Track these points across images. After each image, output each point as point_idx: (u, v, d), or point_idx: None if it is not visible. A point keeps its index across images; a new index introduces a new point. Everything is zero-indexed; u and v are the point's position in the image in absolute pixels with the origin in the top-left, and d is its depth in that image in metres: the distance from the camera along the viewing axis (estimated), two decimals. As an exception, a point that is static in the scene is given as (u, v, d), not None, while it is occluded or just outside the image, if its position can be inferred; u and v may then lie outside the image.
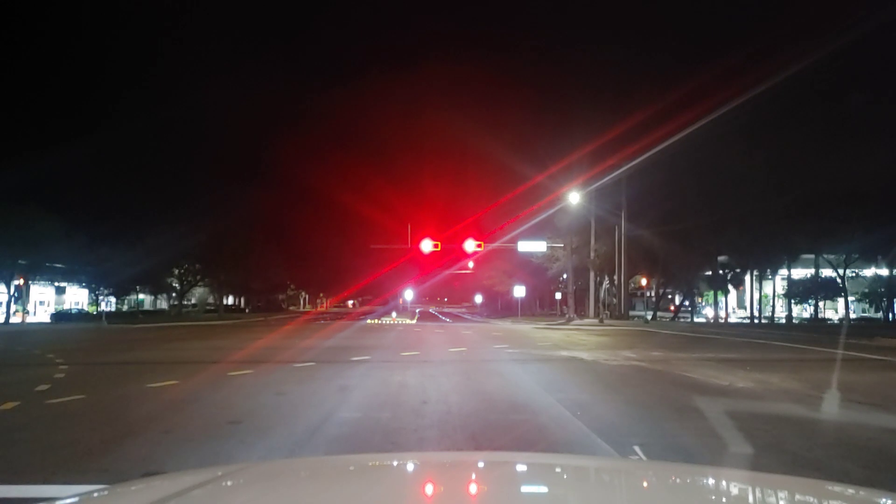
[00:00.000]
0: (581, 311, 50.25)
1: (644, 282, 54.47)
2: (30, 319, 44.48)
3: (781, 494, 1.94)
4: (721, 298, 48.69)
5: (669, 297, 57.18)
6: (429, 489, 2.02)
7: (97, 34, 78.22)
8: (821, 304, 45.78)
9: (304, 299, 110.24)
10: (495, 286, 68.61)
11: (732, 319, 48.36)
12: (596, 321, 41.34)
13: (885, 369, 13.49)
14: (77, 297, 57.54)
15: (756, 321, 45.51)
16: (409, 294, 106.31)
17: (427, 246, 41.36)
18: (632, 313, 50.07)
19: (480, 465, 2.47)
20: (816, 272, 44.07)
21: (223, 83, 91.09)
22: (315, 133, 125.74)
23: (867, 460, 5.51)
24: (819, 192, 33.72)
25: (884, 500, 1.97)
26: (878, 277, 44.14)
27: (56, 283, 54.42)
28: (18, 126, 54.14)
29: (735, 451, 5.72)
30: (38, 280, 49.98)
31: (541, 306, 72.14)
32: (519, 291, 51.47)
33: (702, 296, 54.65)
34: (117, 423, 7.23)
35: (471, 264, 61.12)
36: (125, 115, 75.04)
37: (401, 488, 2.06)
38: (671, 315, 50.27)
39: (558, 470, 2.39)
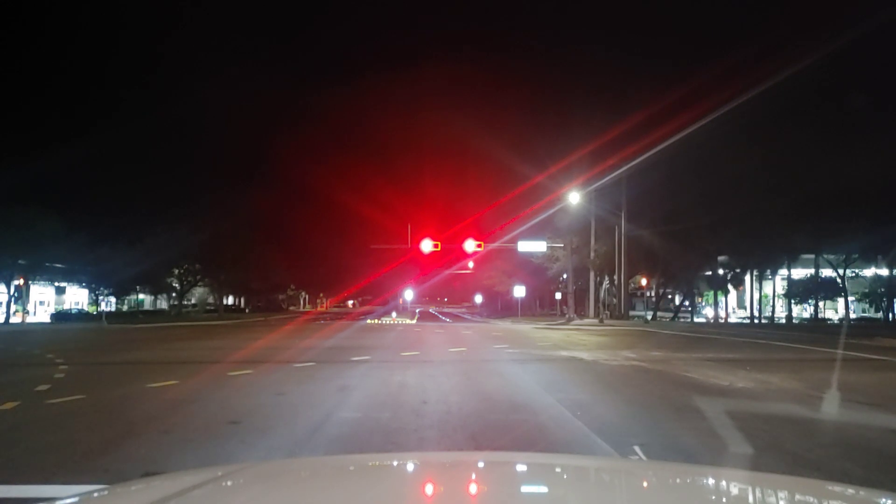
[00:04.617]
0: (581, 311, 50.23)
1: (644, 282, 54.44)
2: (30, 319, 44.47)
3: (781, 494, 1.94)
4: (721, 298, 48.68)
5: (669, 297, 57.14)
6: (429, 489, 2.02)
7: (97, 34, 78.36)
8: (821, 304, 45.74)
9: (304, 299, 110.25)
10: (495, 286, 68.60)
11: (732, 319, 48.36)
12: (596, 321, 41.34)
13: (885, 369, 13.49)
14: (77, 297, 57.53)
15: (756, 321, 45.50)
16: (409, 294, 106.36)
17: (427, 246, 41.37)
18: (632, 313, 50.05)
19: (480, 465, 2.47)
20: (816, 272, 44.05)
21: (223, 83, 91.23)
22: (315, 133, 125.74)
23: (867, 460, 5.51)
24: (819, 192, 33.71)
25: (884, 500, 1.97)
26: (878, 277, 44.10)
27: (56, 283, 54.40)
28: (19, 126, 54.27)
29: (735, 451, 5.72)
30: (38, 280, 49.96)
31: (541, 306, 72.11)
32: (519, 291, 51.45)
33: (702, 296, 54.63)
34: (117, 423, 7.23)
35: (471, 264, 61.16)
36: (125, 115, 75.28)
37: (401, 488, 2.06)
38: (671, 315, 50.26)
39: (558, 470, 2.39)
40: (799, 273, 46.72)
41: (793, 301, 46.00)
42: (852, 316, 44.25)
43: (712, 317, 48.61)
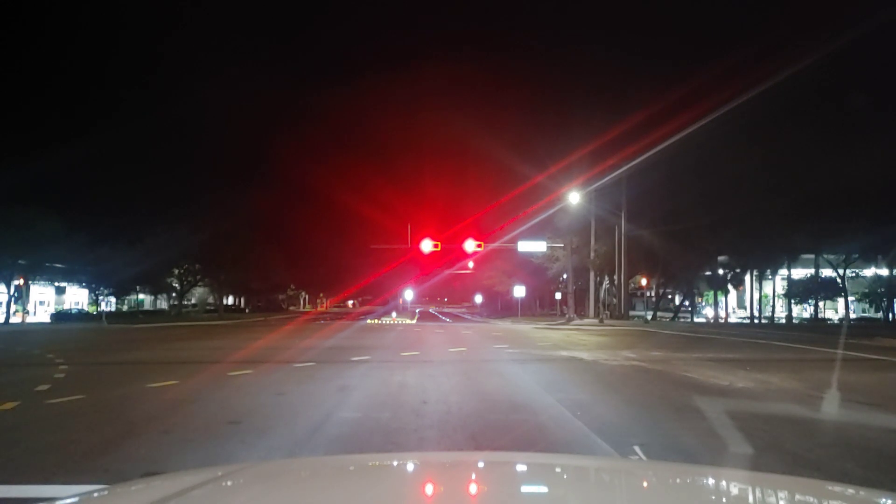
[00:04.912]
0: (581, 311, 50.23)
1: (644, 282, 54.44)
2: (30, 319, 44.47)
3: (781, 494, 1.94)
4: (721, 298, 48.68)
5: (669, 297, 57.12)
6: (429, 489, 2.02)
7: (97, 34, 78.37)
8: (821, 304, 45.76)
9: (304, 299, 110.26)
10: (495, 286, 68.59)
11: (732, 319, 48.35)
12: (596, 321, 41.34)
13: (885, 369, 13.50)
14: (77, 297, 57.53)
15: (756, 321, 45.50)
16: (409, 294, 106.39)
17: (427, 246, 41.37)
18: (632, 313, 50.06)
19: (480, 465, 2.47)
20: (816, 272, 44.06)
21: (223, 83, 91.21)
22: (315, 133, 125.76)
23: (867, 460, 5.50)
24: (819, 192, 33.70)
25: (884, 500, 1.97)
26: (878, 277, 44.11)
27: (56, 283, 54.40)
28: (19, 126, 54.27)
29: (735, 451, 5.72)
30: (38, 280, 49.97)
31: (541, 306, 72.11)
32: (519, 291, 51.46)
33: (702, 296, 54.64)
34: (117, 423, 7.23)
35: (471, 264, 61.19)
36: (125, 115, 75.30)
37: (401, 488, 2.06)
38: (671, 315, 50.25)
39: (558, 470, 2.39)
40: (799, 273, 46.72)
41: (793, 301, 46.01)
42: (852, 316, 44.25)
43: (712, 317, 48.61)
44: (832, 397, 8.82)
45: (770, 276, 47.90)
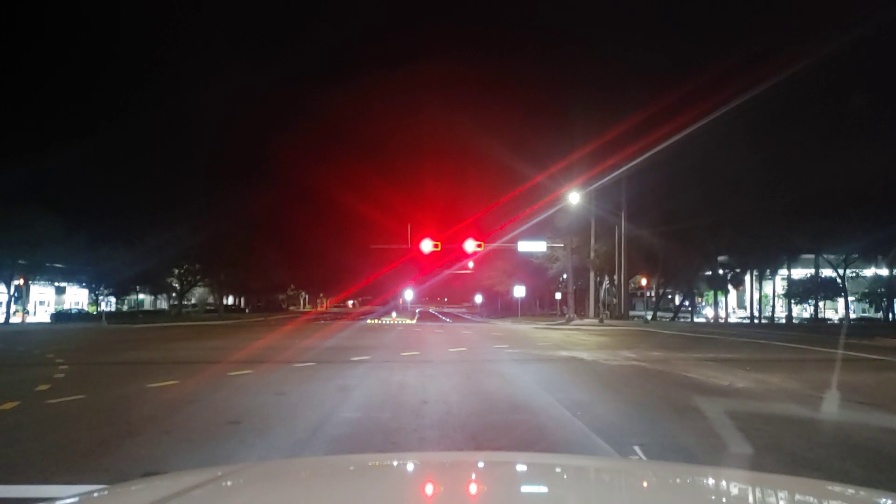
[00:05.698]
0: (581, 311, 50.21)
1: (644, 282, 54.43)
2: (30, 319, 44.49)
3: (781, 494, 1.94)
4: (721, 298, 48.67)
5: (669, 297, 57.13)
6: (429, 489, 2.02)
7: (98, 34, 78.45)
8: (821, 304, 45.74)
9: (304, 299, 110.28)
10: (495, 286, 68.57)
11: (732, 319, 48.34)
12: (596, 321, 41.33)
13: (885, 369, 13.49)
14: (77, 297, 57.52)
15: (756, 321, 45.49)
16: (409, 294, 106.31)
17: (427, 246, 41.35)
18: (632, 313, 50.04)
19: (480, 465, 2.47)
20: (816, 272, 44.05)
21: (223, 83, 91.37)
22: (315, 133, 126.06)
23: (867, 460, 5.51)
24: (819, 192, 33.70)
25: (884, 500, 1.97)
26: (878, 277, 44.10)
27: (56, 283, 54.41)
28: (19, 126, 54.34)
29: (735, 452, 5.72)
30: (38, 280, 49.97)
31: (541, 306, 72.08)
32: (519, 291, 51.45)
33: (702, 296, 54.63)
34: (117, 423, 7.23)
35: (471, 264, 61.09)
36: (125, 115, 75.48)
37: (401, 488, 2.06)
38: (671, 315, 50.23)
39: (558, 470, 2.39)
40: (799, 273, 46.72)
41: (793, 301, 46.00)
42: (852, 316, 44.24)
43: (712, 317, 48.60)
44: (832, 397, 8.82)
45: (770, 276, 47.89)
